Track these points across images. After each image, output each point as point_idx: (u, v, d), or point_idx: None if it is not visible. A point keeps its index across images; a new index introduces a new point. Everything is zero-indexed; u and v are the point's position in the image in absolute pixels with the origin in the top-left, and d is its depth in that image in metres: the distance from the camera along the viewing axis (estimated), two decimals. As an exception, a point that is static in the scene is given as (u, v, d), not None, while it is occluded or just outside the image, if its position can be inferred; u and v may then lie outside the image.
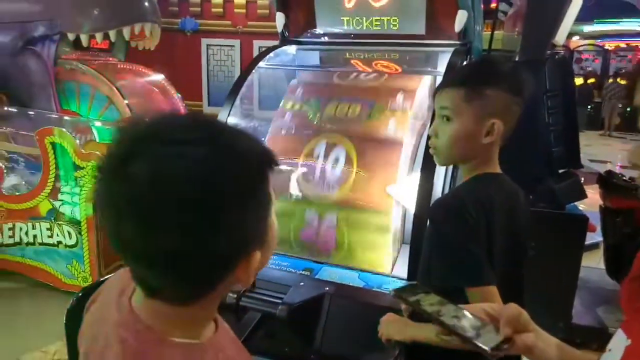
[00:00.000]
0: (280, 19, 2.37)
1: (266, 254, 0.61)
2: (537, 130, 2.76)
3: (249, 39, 5.68)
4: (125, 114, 3.65)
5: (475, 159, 1.19)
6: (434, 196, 1.68)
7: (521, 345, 0.65)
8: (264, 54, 2.34)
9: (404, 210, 1.99)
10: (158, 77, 4.32)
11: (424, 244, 1.25)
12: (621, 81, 12.46)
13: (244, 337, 1.41)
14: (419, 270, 1.29)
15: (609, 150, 9.74)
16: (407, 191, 1.85)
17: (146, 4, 3.85)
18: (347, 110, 2.07)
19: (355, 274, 1.65)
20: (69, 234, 3.16)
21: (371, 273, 1.66)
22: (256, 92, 2.65)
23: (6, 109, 3.61)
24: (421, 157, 1.80)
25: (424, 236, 1.25)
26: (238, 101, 2.24)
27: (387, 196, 1.87)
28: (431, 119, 1.36)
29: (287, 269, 1.70)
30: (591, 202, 3.00)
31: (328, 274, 1.65)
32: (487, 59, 1.18)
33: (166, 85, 4.30)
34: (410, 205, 1.77)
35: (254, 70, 2.29)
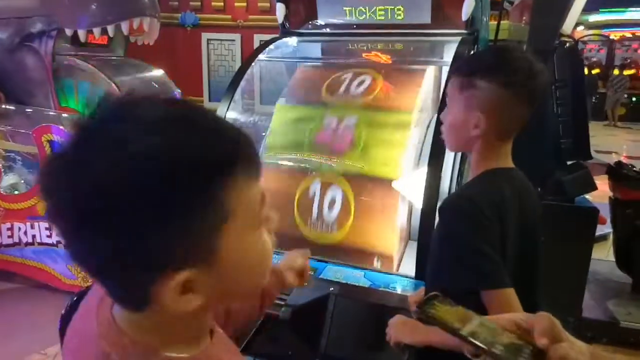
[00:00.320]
0: (280, 9, 2.30)
1: (219, 274, 0.51)
2: (545, 122, 2.68)
3: (250, 33, 5.61)
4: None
5: (477, 152, 1.13)
6: (442, 191, 1.62)
7: (555, 357, 0.60)
8: (264, 45, 2.28)
9: (410, 206, 1.93)
10: (158, 73, 4.26)
11: (432, 245, 1.19)
12: (627, 72, 12.35)
13: (246, 341, 1.36)
14: (427, 271, 1.23)
15: (615, 141, 9.66)
16: (413, 186, 1.79)
17: (144, -3, 3.77)
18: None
19: (360, 272, 1.58)
20: (69, 233, 3.10)
21: (377, 272, 1.60)
22: (257, 86, 2.59)
23: (3, 106, 3.56)
24: (425, 154, 1.75)
25: (432, 237, 1.19)
26: (238, 95, 2.18)
27: (411, 98, 2.00)
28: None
29: (290, 268, 1.63)
30: (599, 193, 2.92)
31: (332, 273, 1.59)
32: (497, 49, 1.10)
33: (166, 80, 4.23)
34: (417, 201, 1.71)
35: (255, 63, 2.23)
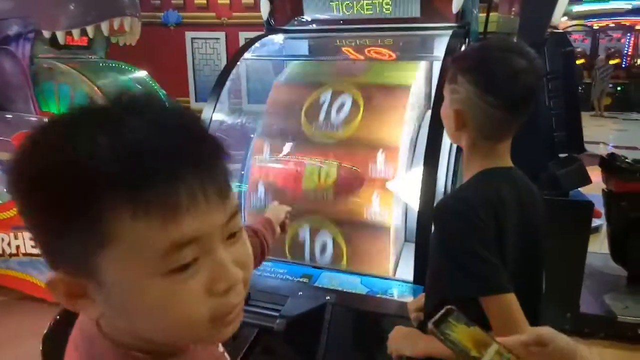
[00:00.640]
0: (264, 5, 2.23)
1: (110, 298, 0.47)
2: (537, 115, 2.64)
3: (235, 31, 5.51)
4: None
5: (466, 150, 1.08)
6: (437, 191, 1.57)
7: None
8: (248, 44, 2.20)
9: (404, 207, 1.88)
10: (141, 74, 4.15)
11: (430, 250, 1.13)
12: (612, 61, 12.43)
13: (241, 356, 1.29)
14: (426, 277, 1.17)
15: (602, 131, 9.70)
16: (408, 186, 1.73)
17: (124, -4, 3.66)
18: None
19: (357, 278, 1.52)
20: (53, 242, 3.02)
21: (374, 277, 1.54)
22: (244, 86, 2.53)
23: (-19, 113, 3.44)
24: (419, 151, 1.70)
25: (430, 241, 1.13)
26: (225, 95, 2.11)
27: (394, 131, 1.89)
28: None
29: (284, 276, 1.57)
30: (591, 185, 2.89)
31: (328, 280, 1.53)
32: (479, 47, 1.05)
33: (150, 82, 4.13)
34: (412, 201, 1.66)
35: (240, 62, 2.16)
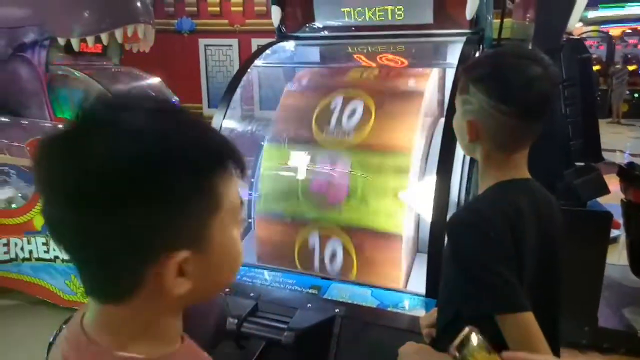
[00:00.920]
0: (276, 13, 2.22)
1: (208, 262, 0.56)
2: (553, 123, 2.58)
3: (247, 38, 5.54)
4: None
5: (481, 161, 1.04)
6: (451, 201, 1.53)
7: None
8: (260, 51, 2.19)
9: (417, 216, 1.84)
10: (155, 81, 4.18)
11: (443, 263, 1.10)
12: (630, 67, 12.24)
13: (247, 369, 1.27)
14: (440, 291, 1.13)
15: (619, 139, 9.52)
16: (419, 197, 1.70)
17: (138, 4, 3.69)
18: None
19: (367, 290, 1.49)
20: (66, 248, 3.03)
21: (385, 289, 1.50)
22: (256, 92, 2.52)
23: (-2, 119, 3.48)
24: (432, 160, 1.66)
25: (443, 255, 1.10)
26: (237, 102, 2.10)
27: (406, 137, 1.84)
28: None
29: (293, 287, 1.54)
30: (609, 194, 2.81)
31: (337, 292, 1.49)
32: (492, 55, 1.01)
33: (163, 88, 4.15)
34: (425, 211, 1.62)
35: (251, 69, 2.15)
